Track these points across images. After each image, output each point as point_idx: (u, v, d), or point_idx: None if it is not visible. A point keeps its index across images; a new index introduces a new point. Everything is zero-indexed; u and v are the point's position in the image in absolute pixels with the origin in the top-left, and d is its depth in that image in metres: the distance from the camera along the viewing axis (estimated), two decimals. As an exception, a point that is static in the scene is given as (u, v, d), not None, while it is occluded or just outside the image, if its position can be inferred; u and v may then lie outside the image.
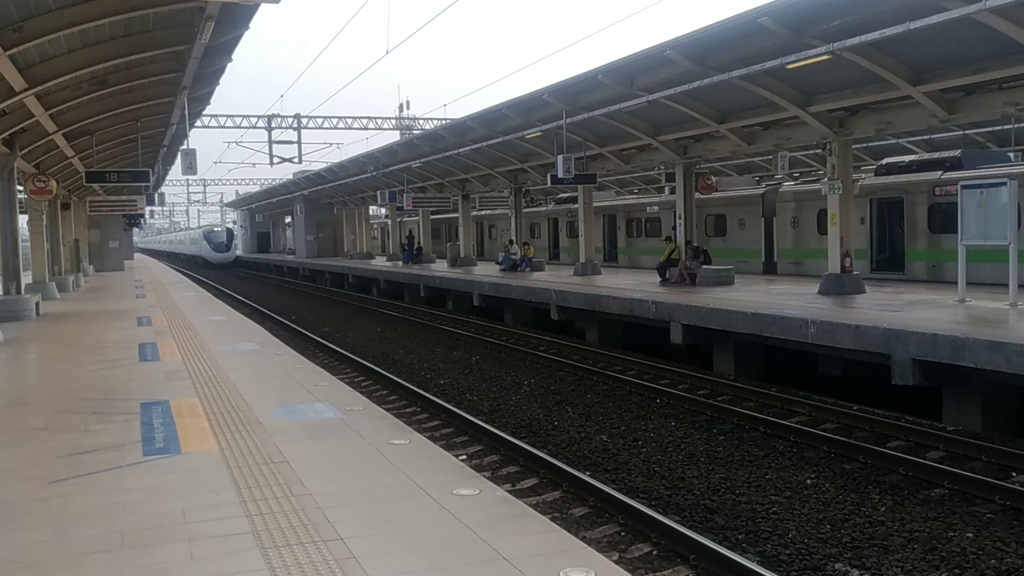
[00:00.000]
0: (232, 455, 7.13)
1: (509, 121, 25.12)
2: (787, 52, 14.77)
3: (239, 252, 76.40)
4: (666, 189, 33.26)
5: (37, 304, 20.33)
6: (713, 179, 26.29)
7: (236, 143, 46.13)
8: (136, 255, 76.75)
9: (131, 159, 25.85)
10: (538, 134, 24.11)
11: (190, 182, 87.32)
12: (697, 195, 23.71)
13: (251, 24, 13.19)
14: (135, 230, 66.83)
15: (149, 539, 5.25)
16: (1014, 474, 9.53)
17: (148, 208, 40.22)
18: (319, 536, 5.22)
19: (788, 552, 7.56)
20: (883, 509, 8.58)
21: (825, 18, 14.14)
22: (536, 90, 22.21)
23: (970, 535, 7.82)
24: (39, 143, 20.01)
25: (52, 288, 25.43)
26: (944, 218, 19.50)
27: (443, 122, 39.61)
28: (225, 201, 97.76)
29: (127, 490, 6.27)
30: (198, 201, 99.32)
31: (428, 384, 15.86)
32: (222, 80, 17.89)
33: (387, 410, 10.75)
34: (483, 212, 46.86)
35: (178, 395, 9.82)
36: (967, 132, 24.93)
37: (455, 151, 29.75)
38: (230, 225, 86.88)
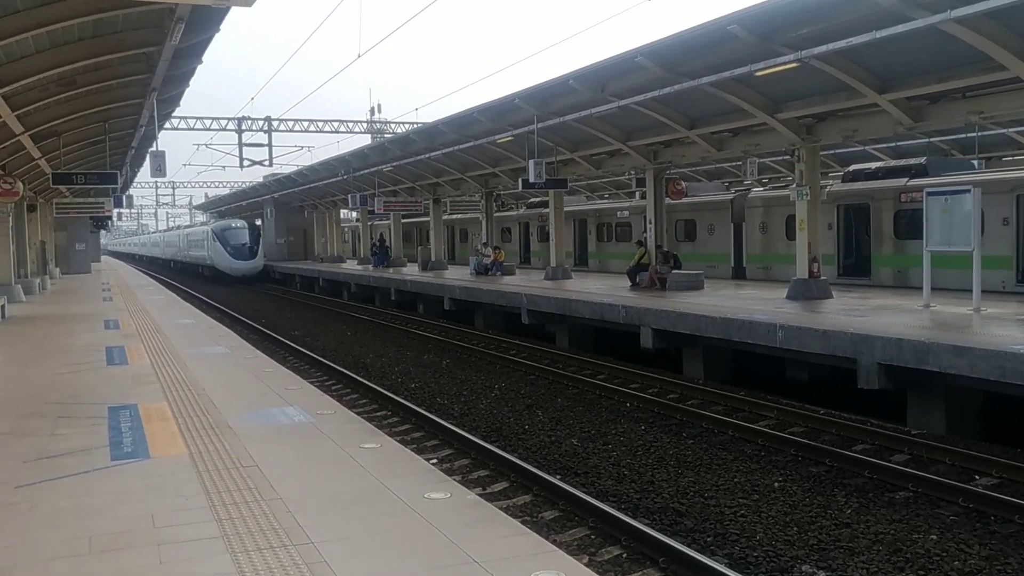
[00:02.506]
0: (201, 459, 7.09)
1: (480, 125, 25.15)
2: (756, 59, 14.92)
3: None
4: (636, 194, 33.48)
5: (3, 307, 20.08)
6: (683, 184, 26.52)
7: (206, 145, 45.88)
8: (105, 258, 75.51)
9: (99, 161, 25.60)
10: (509, 139, 24.17)
11: (159, 184, 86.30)
12: (667, 200, 23.89)
13: (221, 26, 13.14)
14: (102, 232, 66.03)
15: (117, 544, 5.22)
16: (977, 477, 9.68)
17: (116, 210, 39.81)
18: (290, 540, 5.21)
19: (756, 554, 7.64)
20: (849, 511, 8.69)
21: (793, 26, 14.31)
22: (508, 95, 22.27)
23: (934, 537, 7.94)
24: (5, 144, 19.77)
25: (18, 291, 25.10)
26: (909, 224, 19.77)
27: (415, 126, 39.58)
28: (194, 204, 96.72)
29: (95, 494, 6.23)
30: (167, 204, 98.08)
31: (399, 388, 15.83)
32: (192, 82, 17.79)
33: (358, 414, 10.74)
34: (454, 216, 46.86)
35: (146, 399, 9.74)
36: (932, 140, 25.27)
37: (426, 155, 29.73)
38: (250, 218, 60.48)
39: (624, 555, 7.60)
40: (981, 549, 7.64)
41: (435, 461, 10.37)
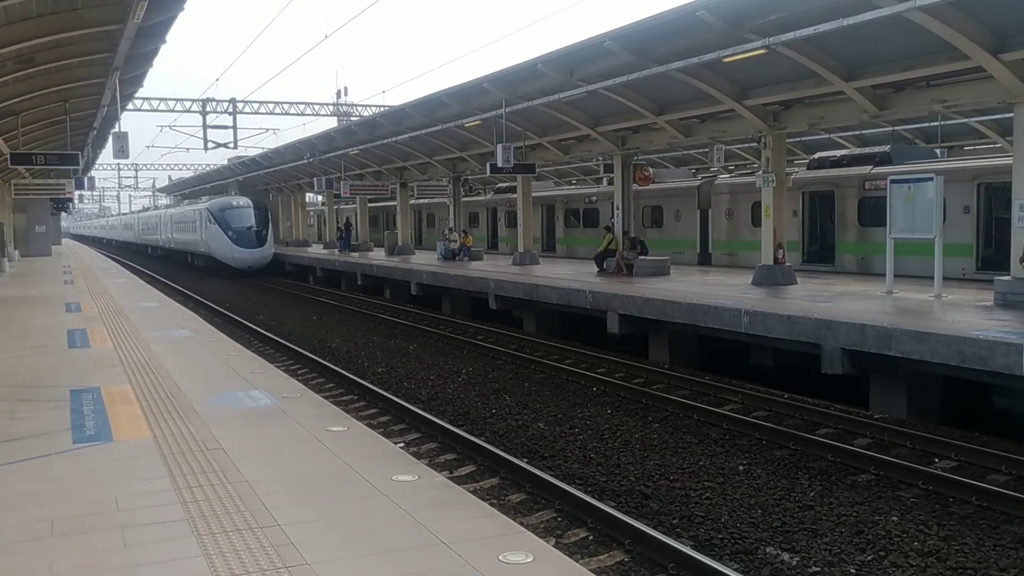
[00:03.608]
0: (166, 442, 7.02)
1: (448, 109, 25.03)
2: (724, 46, 14.97)
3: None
4: (604, 180, 33.54)
5: (-41, 289, 19.71)
6: (650, 171, 26.57)
7: (170, 127, 45.11)
8: (66, 241, 74.15)
9: (59, 141, 25.19)
10: (477, 123, 24.08)
11: (121, 166, 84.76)
12: (635, 186, 23.94)
13: (186, 5, 12.96)
14: (63, 214, 64.89)
15: (80, 527, 5.15)
16: (937, 460, 9.84)
17: (77, 192, 39.17)
18: (256, 523, 5.18)
19: (721, 536, 7.71)
20: (812, 494, 8.80)
21: (761, 13, 14.37)
22: (476, 78, 22.17)
23: (895, 518, 8.07)
24: (-39, 123, 19.40)
25: (-25, 273, 24.66)
26: (873, 212, 19.98)
27: (382, 109, 39.30)
28: (158, 187, 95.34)
29: (57, 478, 6.14)
30: (129, 186, 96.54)
31: (366, 372, 15.78)
32: (155, 62, 17.54)
33: (324, 398, 10.68)
34: (421, 200, 46.65)
35: (109, 382, 9.61)
36: (896, 128, 25.55)
37: (393, 138, 29.56)
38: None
39: (591, 537, 7.65)
40: (940, 530, 7.77)
41: (402, 444, 10.35)
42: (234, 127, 41.51)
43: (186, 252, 49.49)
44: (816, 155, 24.08)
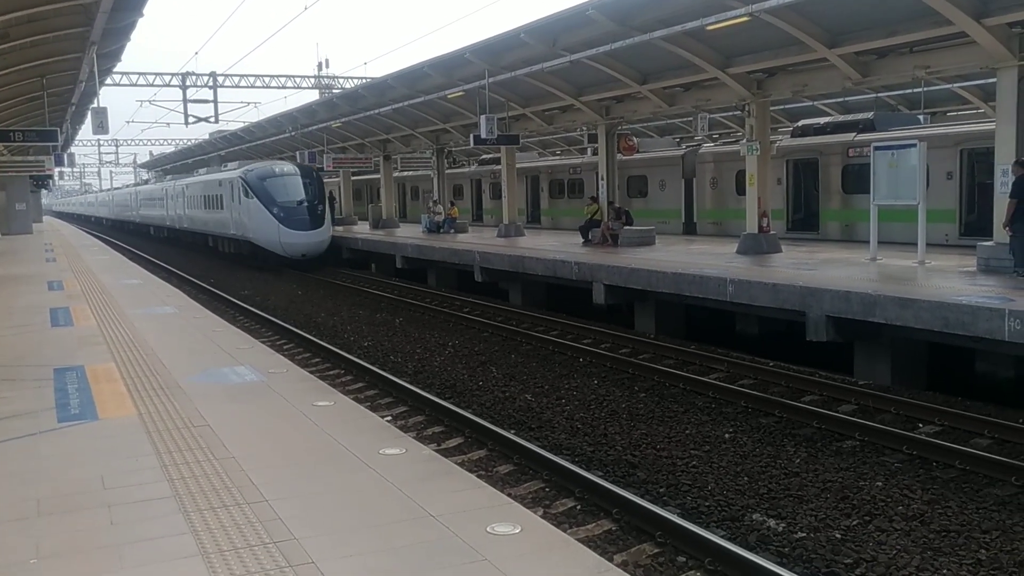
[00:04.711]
0: (151, 420, 7.00)
1: (431, 80, 24.86)
2: (708, 13, 14.91)
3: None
4: (588, 150, 33.43)
5: (-60, 269, 19.54)
6: (634, 140, 26.52)
7: (149, 102, 44.62)
8: (48, 219, 73.26)
9: (37, 118, 24.86)
10: (460, 94, 23.92)
11: (101, 142, 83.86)
12: (619, 156, 23.88)
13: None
14: (44, 191, 64.21)
15: (67, 506, 5.14)
16: (920, 425, 9.93)
17: (57, 169, 38.80)
18: (243, 498, 5.17)
19: (707, 504, 7.77)
20: (798, 461, 8.87)
21: (744, -20, 14.30)
22: (458, 49, 22.02)
23: (879, 483, 8.14)
24: (-64, 99, 19.14)
25: (-45, 252, 24.43)
26: (857, 179, 20.02)
27: (363, 81, 38.99)
28: (139, 162, 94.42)
29: (42, 457, 6.12)
30: (110, 162, 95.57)
31: (351, 346, 15.75)
32: (133, 36, 17.32)
33: (310, 372, 10.67)
34: (405, 173, 46.43)
35: (93, 360, 9.56)
36: (880, 95, 25.52)
37: (376, 111, 29.35)
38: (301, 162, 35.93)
39: (578, 507, 7.68)
40: (924, 494, 7.85)
41: (389, 418, 10.35)
42: (215, 101, 41.11)
43: (207, 235, 39.03)
44: (800, 123, 24.06)
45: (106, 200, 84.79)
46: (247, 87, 43.05)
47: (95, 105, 20.78)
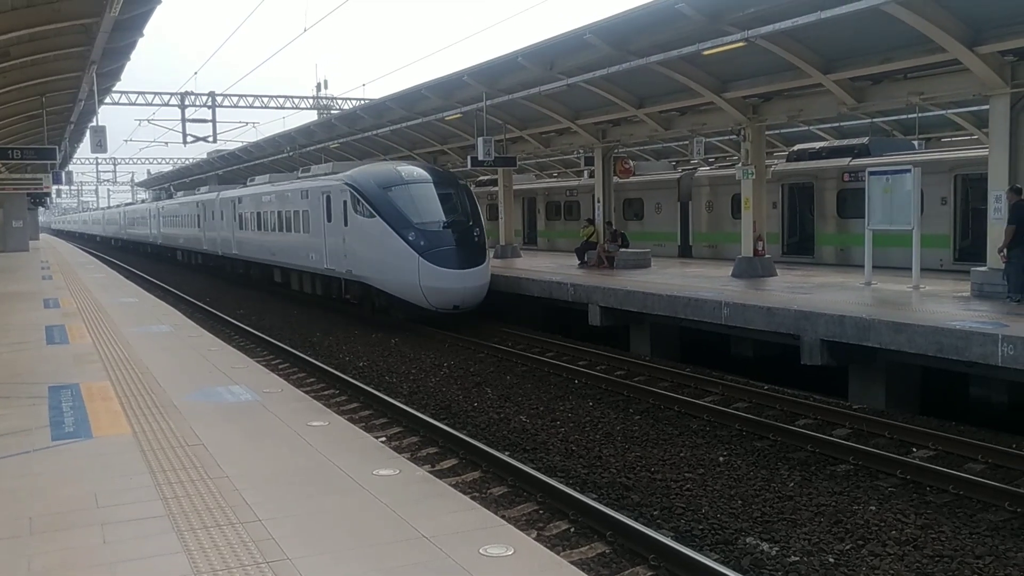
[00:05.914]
0: (146, 438, 6.99)
1: (429, 102, 24.97)
2: (704, 38, 15.02)
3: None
4: (585, 173, 33.52)
5: (-64, 285, 19.51)
6: (631, 163, 26.66)
7: (148, 121, 44.76)
8: (45, 236, 72.96)
9: (36, 135, 24.96)
10: (458, 116, 24.04)
11: (99, 160, 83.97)
12: (615, 179, 23.99)
13: (163, -2, 12.86)
14: (41, 209, 64.12)
15: (60, 524, 5.14)
16: (914, 449, 9.94)
17: (55, 187, 38.83)
18: (237, 518, 5.17)
19: (701, 527, 7.76)
20: (792, 484, 8.87)
21: (740, 5, 14.42)
22: (456, 71, 22.13)
23: (873, 508, 8.15)
24: (-64, 117, 19.20)
25: (-48, 269, 24.40)
26: (852, 203, 20.11)
27: (362, 102, 39.11)
28: (137, 181, 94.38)
29: (36, 475, 6.11)
30: (108, 180, 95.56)
31: (347, 366, 15.74)
32: (133, 55, 17.40)
33: (305, 392, 10.67)
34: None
35: (88, 378, 9.56)
36: (875, 120, 25.70)
37: (374, 132, 29.45)
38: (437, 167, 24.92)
39: (572, 529, 7.68)
40: (917, 518, 7.86)
41: (384, 439, 10.34)
42: (213, 121, 41.13)
43: (276, 267, 28.45)
44: (795, 147, 24.20)
45: (114, 217, 71.49)
46: (246, 107, 43.14)
47: (94, 123, 20.85)
